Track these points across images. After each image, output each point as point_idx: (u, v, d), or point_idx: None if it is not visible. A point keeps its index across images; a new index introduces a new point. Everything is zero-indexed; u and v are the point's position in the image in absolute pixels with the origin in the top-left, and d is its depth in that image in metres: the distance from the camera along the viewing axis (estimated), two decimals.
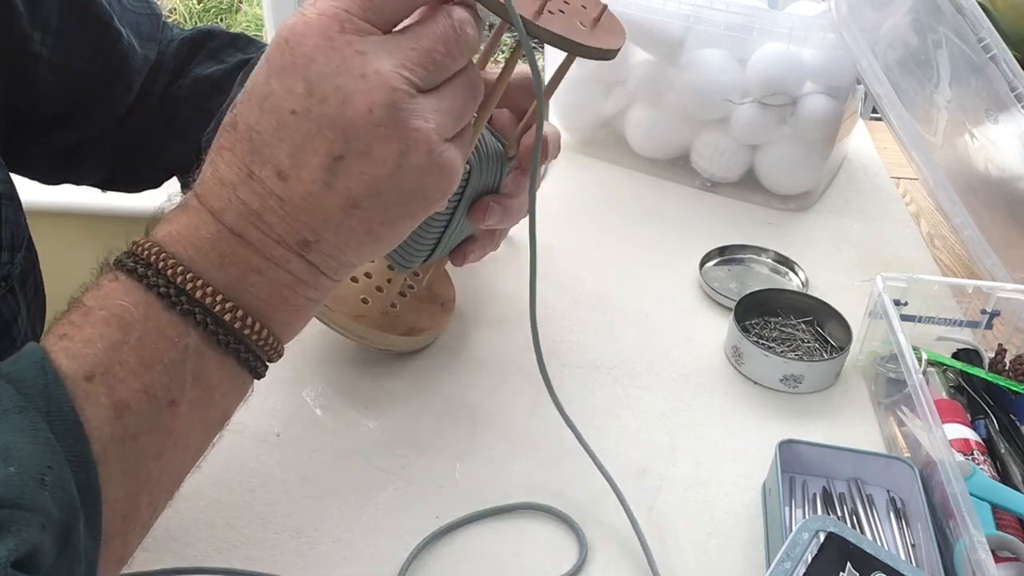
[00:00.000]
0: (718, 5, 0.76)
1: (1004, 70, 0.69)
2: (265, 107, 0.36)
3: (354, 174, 0.36)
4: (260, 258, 0.37)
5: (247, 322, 0.37)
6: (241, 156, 0.37)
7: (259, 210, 0.36)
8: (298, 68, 0.35)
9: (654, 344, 0.64)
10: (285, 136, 0.35)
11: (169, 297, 0.35)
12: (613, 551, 0.49)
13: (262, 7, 1.81)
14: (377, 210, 0.37)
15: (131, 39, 0.70)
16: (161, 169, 0.76)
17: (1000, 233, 0.69)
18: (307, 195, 0.36)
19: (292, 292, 0.38)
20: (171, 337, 0.35)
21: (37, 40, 0.63)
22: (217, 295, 0.36)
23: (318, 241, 0.37)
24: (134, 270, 0.36)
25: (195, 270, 0.36)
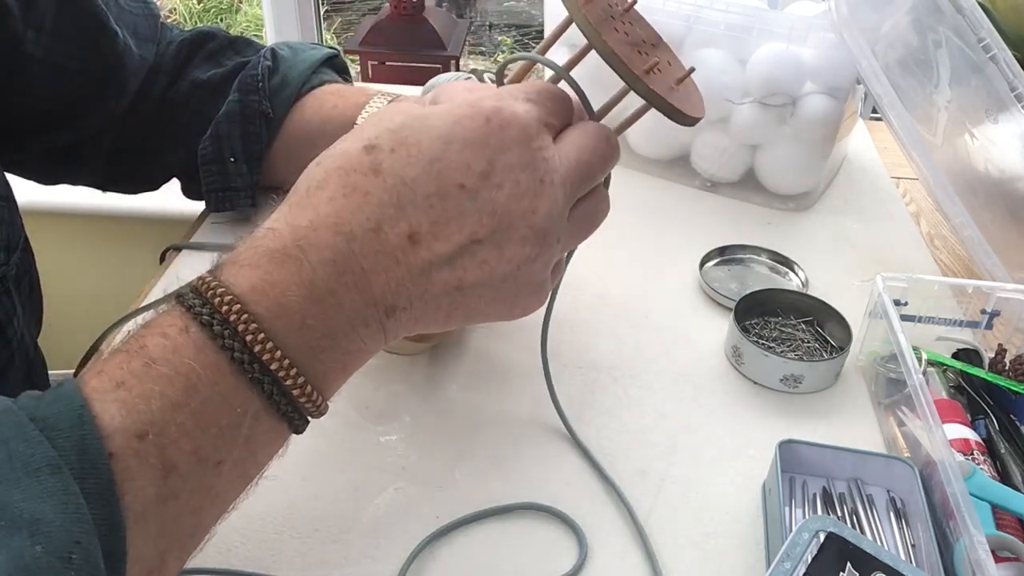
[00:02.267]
0: (718, 5, 0.76)
1: (1004, 70, 0.69)
2: (432, 169, 0.36)
3: (478, 259, 0.37)
4: (342, 321, 0.36)
5: (306, 390, 0.36)
6: (376, 206, 0.36)
7: (369, 268, 0.36)
8: (490, 148, 0.36)
9: (654, 344, 0.64)
10: (437, 204, 0.36)
11: (242, 363, 0.34)
12: (613, 551, 0.49)
13: (262, 7, 1.81)
14: (472, 299, 0.38)
15: (127, 40, 0.70)
16: (159, 171, 0.76)
17: (1000, 233, 0.69)
18: (427, 265, 0.36)
19: (354, 360, 0.38)
20: (235, 404, 0.35)
21: (31, 40, 0.63)
22: (290, 367, 0.35)
23: (404, 309, 0.37)
24: (209, 325, 0.34)
25: (272, 334, 0.35)
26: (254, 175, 0.71)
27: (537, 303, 0.41)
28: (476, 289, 0.38)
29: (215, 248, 0.71)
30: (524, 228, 0.37)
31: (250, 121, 0.70)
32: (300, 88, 0.71)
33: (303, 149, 0.72)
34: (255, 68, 0.71)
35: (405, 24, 2.19)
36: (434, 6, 2.35)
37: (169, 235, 0.74)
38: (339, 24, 3.65)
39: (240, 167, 0.70)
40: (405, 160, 0.36)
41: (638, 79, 0.40)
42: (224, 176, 0.71)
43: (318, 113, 0.71)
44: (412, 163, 0.36)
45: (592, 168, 0.40)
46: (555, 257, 0.40)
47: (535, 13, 3.70)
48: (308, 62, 0.73)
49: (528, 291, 0.39)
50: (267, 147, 0.71)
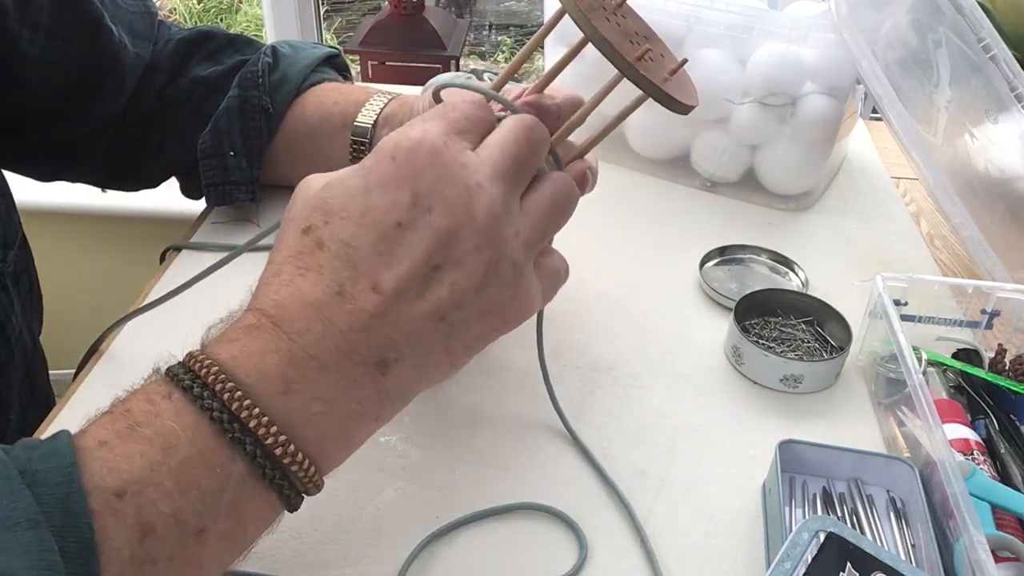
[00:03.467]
0: (718, 5, 0.76)
1: (1004, 70, 0.69)
2: (365, 222, 0.36)
3: (446, 284, 0.37)
4: (330, 384, 0.36)
5: (297, 457, 0.35)
6: (332, 274, 0.36)
7: (345, 329, 0.36)
8: (405, 181, 0.36)
9: (654, 344, 0.64)
10: (386, 249, 0.36)
11: (221, 423, 0.34)
12: (613, 551, 0.49)
13: (262, 7, 1.81)
14: (461, 324, 0.38)
15: (123, 37, 0.70)
16: (158, 169, 0.76)
17: (1000, 233, 0.69)
18: (398, 307, 0.36)
19: (353, 424, 0.37)
20: (215, 465, 0.34)
21: (26, 38, 0.63)
22: (272, 426, 0.34)
23: (397, 360, 0.37)
24: (190, 388, 0.35)
25: (254, 397, 0.35)
26: (254, 170, 0.71)
27: (526, 302, 0.40)
28: (458, 312, 0.37)
29: (215, 248, 0.71)
30: (472, 236, 0.37)
31: (250, 116, 0.70)
32: (300, 84, 0.72)
33: (304, 145, 0.72)
34: (255, 64, 0.71)
35: (405, 24, 2.19)
36: (434, 6, 2.35)
37: (169, 235, 0.74)
38: (339, 24, 3.65)
39: (240, 161, 0.71)
40: (340, 225, 0.37)
41: (630, 65, 0.40)
42: (224, 170, 0.71)
43: (319, 109, 0.71)
44: (347, 225, 0.37)
45: (521, 156, 0.39)
46: (522, 253, 0.39)
47: (535, 13, 3.70)
48: (309, 60, 0.73)
49: (509, 294, 0.39)
50: (267, 142, 0.71)
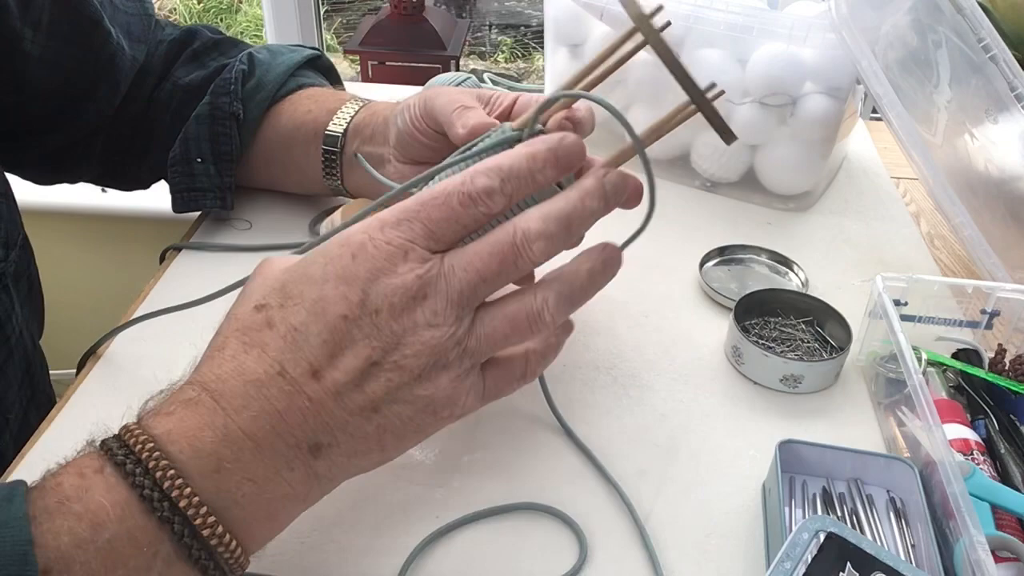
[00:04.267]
0: (718, 5, 0.76)
1: (1004, 70, 0.69)
2: (315, 310, 0.38)
3: (382, 380, 0.38)
4: (262, 465, 0.37)
5: (224, 539, 0.35)
6: (275, 354, 0.37)
7: (283, 409, 0.37)
8: (360, 280, 0.37)
9: (654, 344, 0.64)
10: (329, 338, 0.37)
11: (152, 501, 0.34)
12: (613, 551, 0.49)
13: (262, 7, 1.81)
14: (392, 418, 0.39)
15: (120, 39, 0.70)
16: (146, 172, 0.76)
17: (1000, 233, 0.69)
18: (336, 395, 0.37)
19: (281, 505, 0.38)
20: (142, 543, 0.34)
21: (28, 37, 0.63)
22: (201, 507, 0.35)
23: (330, 445, 0.38)
24: (123, 464, 0.35)
25: (186, 475, 0.35)
26: (224, 176, 0.71)
27: (461, 406, 0.41)
28: (391, 407, 0.38)
29: (215, 248, 0.71)
30: (413, 343, 0.38)
31: (219, 122, 0.70)
32: (277, 91, 0.71)
33: (278, 153, 0.72)
34: (230, 72, 0.71)
35: (405, 24, 2.19)
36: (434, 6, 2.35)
37: (169, 235, 0.74)
38: (339, 24, 3.65)
39: (207, 168, 0.70)
40: (292, 310, 0.38)
41: (704, 99, 0.42)
42: (189, 177, 0.71)
43: (292, 118, 0.71)
44: (298, 310, 0.38)
45: (486, 275, 0.39)
46: (465, 362, 0.40)
47: (535, 13, 3.70)
48: (285, 65, 0.73)
49: (443, 397, 0.39)
50: (241, 148, 0.71)
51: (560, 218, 0.40)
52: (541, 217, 0.40)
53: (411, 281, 0.38)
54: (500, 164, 0.40)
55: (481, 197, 0.39)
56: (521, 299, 0.41)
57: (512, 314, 0.40)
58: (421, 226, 0.39)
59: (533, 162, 0.40)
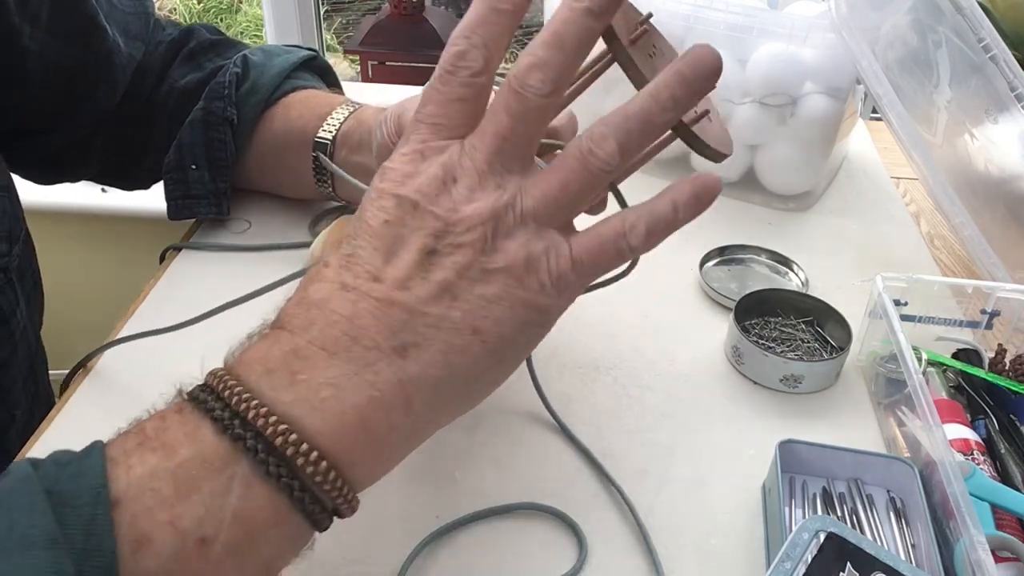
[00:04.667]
0: (718, 5, 0.76)
1: (1004, 70, 0.69)
2: (359, 231, 0.36)
3: (448, 264, 0.35)
4: (337, 368, 0.34)
5: (301, 449, 0.33)
6: (334, 276, 0.36)
7: (350, 315, 0.35)
8: (391, 192, 0.36)
9: (654, 344, 0.64)
10: (381, 246, 0.36)
11: (222, 421, 0.33)
12: (613, 551, 0.49)
13: (262, 7, 1.81)
14: (476, 301, 0.36)
15: (117, 37, 0.70)
16: (144, 173, 0.76)
17: (1000, 233, 0.69)
18: (402, 289, 0.35)
19: (372, 412, 0.34)
20: (215, 464, 0.32)
21: (27, 34, 0.63)
22: (271, 416, 0.33)
23: (417, 344, 0.35)
24: (197, 397, 0.34)
25: (257, 392, 0.33)
26: (219, 182, 0.71)
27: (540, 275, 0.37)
28: (469, 288, 0.36)
29: (215, 248, 0.71)
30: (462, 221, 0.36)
31: (213, 128, 0.69)
32: (271, 94, 0.71)
33: (272, 158, 0.72)
34: (224, 76, 0.70)
35: (405, 24, 2.19)
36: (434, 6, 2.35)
37: (169, 235, 0.74)
38: (339, 24, 3.65)
39: (202, 174, 0.70)
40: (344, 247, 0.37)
41: (681, 123, 0.40)
42: (184, 184, 0.71)
43: (284, 123, 0.71)
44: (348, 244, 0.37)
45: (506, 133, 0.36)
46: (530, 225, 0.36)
47: (535, 13, 3.70)
48: (280, 67, 0.72)
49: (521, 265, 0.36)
50: (236, 153, 0.70)
51: (548, 39, 0.36)
52: (529, 51, 0.37)
53: (435, 170, 0.36)
54: (459, 25, 0.37)
55: (455, 64, 0.36)
56: (566, 148, 0.38)
57: (559, 162, 0.37)
58: (424, 126, 0.37)
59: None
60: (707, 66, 0.36)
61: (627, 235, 0.37)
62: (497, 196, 0.36)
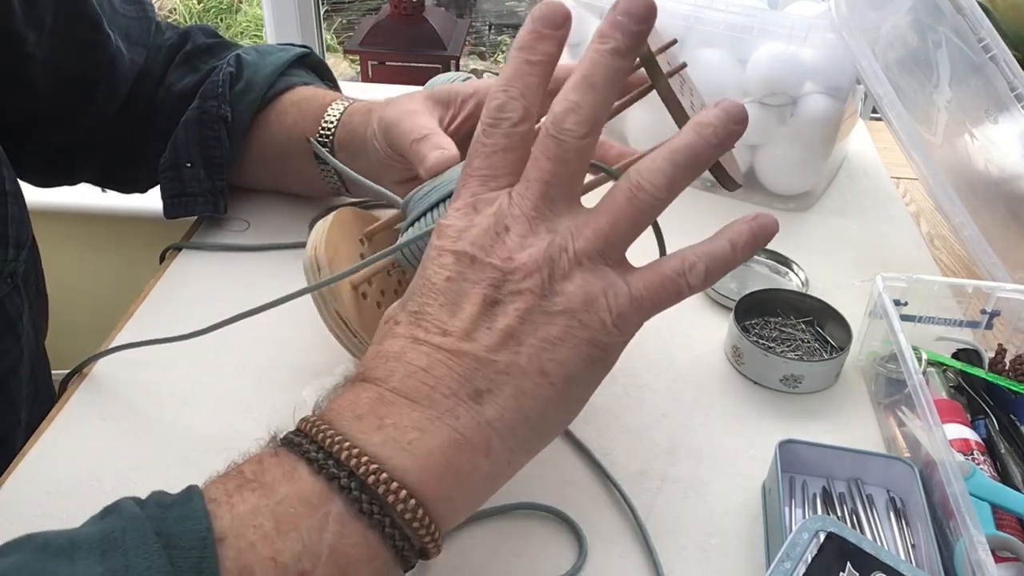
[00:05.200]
0: (718, 5, 0.76)
1: (1004, 70, 0.69)
2: (424, 290, 0.38)
3: (510, 312, 0.37)
4: (421, 415, 0.36)
5: (391, 487, 0.34)
6: (406, 331, 0.38)
7: (426, 366, 0.37)
8: (448, 249, 0.38)
9: (654, 344, 0.64)
10: (445, 302, 0.38)
11: (317, 461, 0.35)
12: (613, 551, 0.49)
13: (262, 7, 1.81)
14: (540, 344, 0.37)
15: (119, 43, 0.70)
16: (143, 176, 0.76)
17: (1000, 233, 0.69)
18: (470, 340, 0.37)
19: (457, 454, 0.36)
20: (313, 502, 0.34)
21: (32, 40, 0.63)
22: (363, 456, 0.35)
23: (490, 390, 0.37)
24: (292, 441, 0.36)
25: (348, 434, 0.35)
26: (215, 180, 0.70)
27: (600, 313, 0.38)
28: (532, 332, 0.37)
29: (215, 248, 0.71)
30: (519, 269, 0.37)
31: (208, 127, 0.69)
32: (266, 92, 0.71)
33: (273, 161, 0.72)
34: (218, 75, 0.70)
35: (405, 24, 2.19)
36: (434, 6, 2.35)
37: (169, 235, 0.74)
38: (339, 24, 3.65)
39: (197, 172, 0.70)
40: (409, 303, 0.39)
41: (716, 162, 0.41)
42: (179, 182, 0.70)
43: (282, 129, 0.71)
44: (413, 299, 0.39)
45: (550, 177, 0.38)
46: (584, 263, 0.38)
47: None
48: (274, 65, 0.72)
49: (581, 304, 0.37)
50: (233, 152, 0.70)
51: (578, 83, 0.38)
52: (561, 97, 0.38)
53: (487, 221, 0.38)
54: (496, 81, 0.39)
55: (496, 116, 0.39)
56: (614, 186, 0.39)
57: (607, 199, 0.39)
58: (473, 180, 0.39)
59: (521, 52, 0.39)
60: (741, 112, 0.38)
61: (687, 274, 0.39)
62: (550, 240, 0.37)
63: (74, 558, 0.31)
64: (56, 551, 0.32)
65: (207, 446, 0.53)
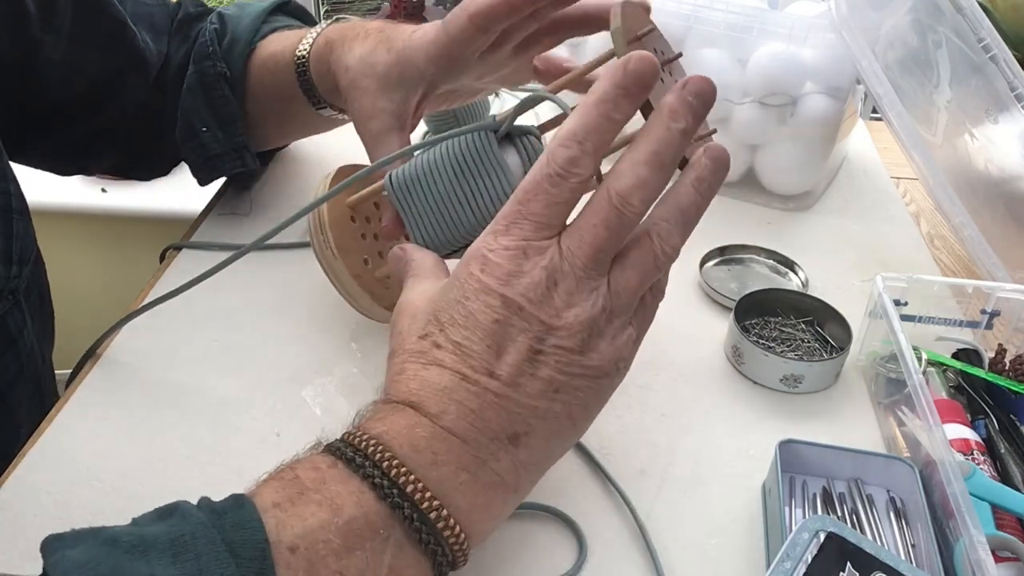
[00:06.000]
0: (718, 5, 0.76)
1: (1004, 70, 0.69)
2: (469, 324, 0.40)
3: (552, 362, 0.40)
4: (471, 456, 0.39)
5: (449, 523, 0.38)
6: (452, 366, 0.40)
7: (477, 408, 0.39)
8: (495, 289, 0.40)
9: (654, 344, 0.64)
10: (492, 343, 0.40)
11: (382, 488, 0.37)
12: (613, 551, 0.49)
13: None
14: (574, 393, 0.40)
15: (144, 36, 0.70)
16: (167, 158, 0.76)
17: (1000, 233, 0.69)
18: (516, 386, 0.39)
19: (495, 495, 0.40)
20: (377, 526, 0.37)
21: (50, 43, 0.64)
22: (426, 491, 0.37)
23: (527, 433, 0.40)
24: (352, 460, 0.38)
25: (409, 466, 0.38)
26: (234, 137, 0.70)
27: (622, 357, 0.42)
28: (570, 382, 0.40)
29: (215, 247, 0.71)
30: (563, 326, 0.39)
31: (211, 87, 0.69)
32: (252, 41, 0.70)
33: (270, 105, 0.71)
34: (204, 35, 0.70)
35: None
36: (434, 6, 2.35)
37: (169, 235, 0.74)
38: None
39: (215, 134, 0.70)
40: (451, 330, 0.40)
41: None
42: (201, 148, 0.70)
43: (264, 65, 0.70)
44: (455, 329, 0.40)
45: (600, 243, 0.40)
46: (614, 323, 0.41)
47: None
48: (254, 13, 0.72)
49: (611, 362, 0.41)
50: (240, 106, 0.70)
51: (649, 159, 0.39)
52: (630, 168, 0.39)
53: (538, 274, 0.39)
54: (573, 128, 0.39)
55: (568, 169, 0.39)
56: (639, 245, 0.41)
57: (637, 261, 0.41)
58: (528, 223, 0.40)
59: (604, 105, 0.39)
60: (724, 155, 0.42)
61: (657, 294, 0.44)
62: (593, 301, 0.40)
63: (148, 557, 0.33)
64: (128, 548, 0.33)
65: (207, 446, 0.53)
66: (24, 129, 0.67)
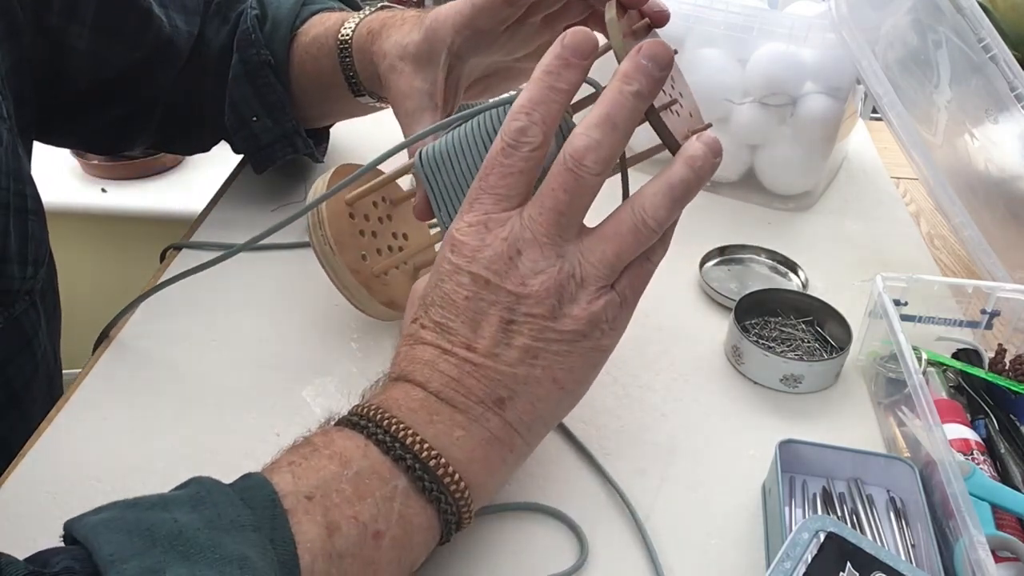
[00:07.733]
0: (718, 5, 0.76)
1: (1004, 70, 0.69)
2: (445, 303, 0.43)
3: (524, 331, 0.42)
4: (462, 416, 0.42)
5: (448, 470, 0.41)
6: (433, 341, 0.43)
7: (457, 376, 0.42)
8: (464, 267, 0.42)
9: (654, 344, 0.64)
10: (466, 318, 0.42)
11: (385, 443, 0.40)
12: (613, 551, 0.49)
13: None
14: (553, 357, 0.42)
15: (174, 19, 0.70)
16: (208, 136, 0.77)
17: (1000, 233, 0.69)
18: (492, 356, 0.42)
19: (491, 450, 0.42)
20: (384, 476, 0.40)
21: (74, 32, 0.65)
22: (425, 443, 0.40)
23: (511, 397, 0.42)
24: (357, 423, 0.42)
25: (408, 423, 0.41)
26: (284, 124, 0.71)
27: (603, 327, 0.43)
28: (546, 347, 0.42)
29: (215, 247, 0.71)
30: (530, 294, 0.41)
31: (256, 76, 0.70)
32: (293, 25, 0.71)
33: (311, 89, 0.71)
34: (246, 21, 0.71)
35: None
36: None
37: (169, 235, 0.74)
38: None
39: (265, 123, 0.71)
40: (432, 311, 0.43)
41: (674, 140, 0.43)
42: (253, 137, 0.72)
43: (307, 51, 0.70)
44: (435, 309, 0.43)
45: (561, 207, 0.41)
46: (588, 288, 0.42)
47: None
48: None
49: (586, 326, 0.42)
50: (286, 92, 0.70)
51: (601, 121, 0.40)
52: (583, 131, 0.40)
53: (499, 246, 0.41)
54: (521, 101, 0.41)
55: (517, 139, 0.41)
56: (617, 214, 0.42)
57: (613, 230, 0.42)
58: (487, 196, 0.42)
59: (547, 76, 0.40)
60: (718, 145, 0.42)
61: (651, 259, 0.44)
62: (559, 267, 0.41)
63: (168, 508, 0.35)
64: (148, 506, 0.35)
65: (208, 446, 0.53)
66: (56, 114, 0.68)
